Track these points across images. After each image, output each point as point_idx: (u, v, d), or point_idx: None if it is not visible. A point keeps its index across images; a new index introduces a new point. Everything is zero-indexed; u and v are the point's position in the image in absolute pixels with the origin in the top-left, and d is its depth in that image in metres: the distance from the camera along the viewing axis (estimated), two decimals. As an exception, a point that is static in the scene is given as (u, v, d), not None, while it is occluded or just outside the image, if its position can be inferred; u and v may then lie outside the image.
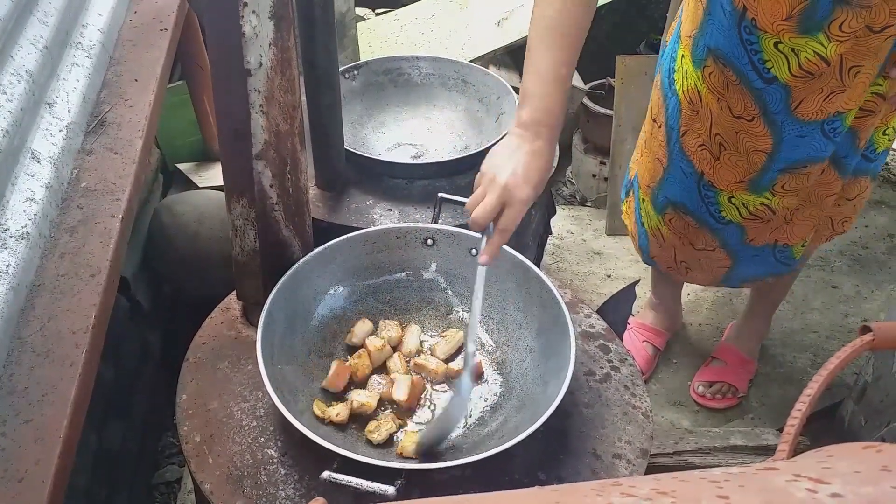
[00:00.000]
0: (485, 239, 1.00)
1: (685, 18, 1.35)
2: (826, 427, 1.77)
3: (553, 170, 1.01)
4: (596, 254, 2.32)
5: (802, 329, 2.07)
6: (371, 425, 0.97)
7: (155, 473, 1.66)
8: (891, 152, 2.74)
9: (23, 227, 1.00)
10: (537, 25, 1.03)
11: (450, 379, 1.06)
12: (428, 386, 1.05)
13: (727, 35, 1.23)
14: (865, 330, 0.64)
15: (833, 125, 1.28)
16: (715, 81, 1.30)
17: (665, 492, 0.38)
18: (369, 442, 0.96)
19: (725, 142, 1.35)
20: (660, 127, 1.48)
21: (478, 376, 1.06)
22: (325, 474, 0.83)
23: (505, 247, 1.09)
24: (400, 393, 1.00)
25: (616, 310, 1.57)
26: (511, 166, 0.97)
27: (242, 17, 0.90)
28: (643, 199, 1.60)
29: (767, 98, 1.26)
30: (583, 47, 1.05)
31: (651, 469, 1.17)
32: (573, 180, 2.62)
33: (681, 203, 1.50)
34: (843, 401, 1.75)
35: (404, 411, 1.01)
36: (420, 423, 1.00)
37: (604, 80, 2.43)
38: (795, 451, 0.58)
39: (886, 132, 1.40)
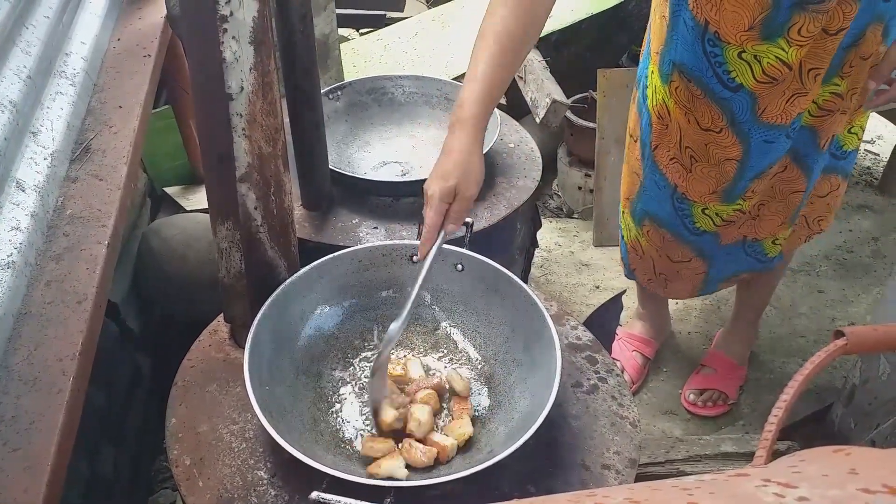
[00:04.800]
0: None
1: (653, 35, 1.38)
2: (816, 431, 1.78)
3: (473, 162, 1.04)
4: (584, 265, 2.33)
5: (790, 334, 2.09)
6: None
7: (149, 498, 1.66)
8: (872, 156, 2.78)
9: (8, 256, 1.00)
10: (478, 34, 1.07)
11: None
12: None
13: (691, 49, 1.26)
14: (839, 335, 0.65)
15: (794, 125, 1.31)
16: (681, 96, 1.32)
17: (637, 500, 0.39)
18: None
19: (696, 154, 1.38)
20: (635, 141, 1.51)
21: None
22: (314, 495, 0.83)
23: (490, 261, 1.10)
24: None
25: (603, 321, 1.58)
26: (432, 166, 1.05)
27: (222, 42, 0.91)
28: (623, 212, 1.62)
29: (734, 107, 1.28)
30: (565, 60, 1.07)
31: (642, 478, 1.18)
32: (559, 193, 2.64)
33: (656, 216, 1.52)
34: (832, 405, 1.76)
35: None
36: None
37: (586, 94, 2.45)
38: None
39: (853, 130, 1.43)
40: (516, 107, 2.39)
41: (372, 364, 1.06)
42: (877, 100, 1.35)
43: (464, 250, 1.12)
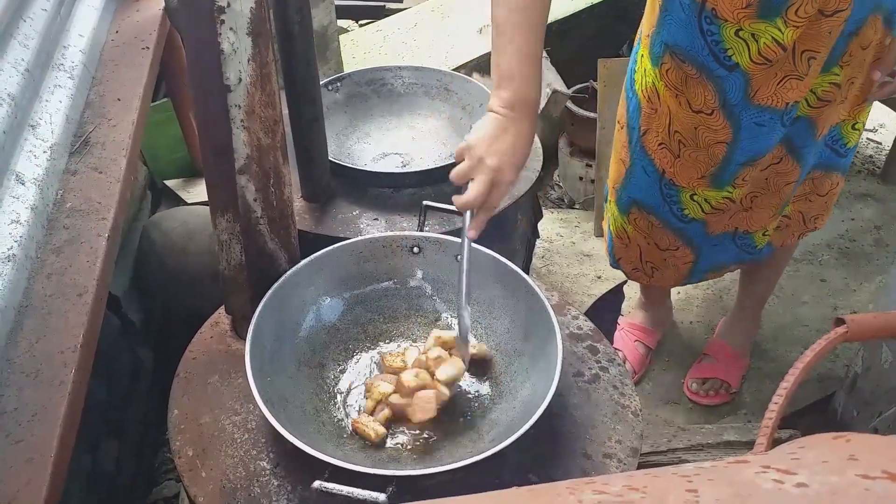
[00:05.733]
0: (468, 214, 1.05)
1: (645, 19, 1.38)
2: (819, 420, 1.78)
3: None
4: (585, 256, 2.33)
5: (793, 323, 2.09)
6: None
7: (152, 490, 1.66)
8: (874, 145, 2.77)
9: (9, 250, 1.00)
10: (504, 5, 1.04)
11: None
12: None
13: (686, 29, 1.25)
14: (839, 322, 0.65)
15: (790, 113, 1.31)
16: (673, 78, 1.32)
17: (636, 488, 0.39)
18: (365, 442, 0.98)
19: (685, 139, 1.37)
20: (622, 128, 1.51)
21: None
22: (317, 484, 0.83)
23: (491, 252, 1.10)
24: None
25: (605, 310, 1.59)
26: (499, 148, 1.01)
27: (220, 34, 0.90)
28: (610, 201, 1.62)
29: (727, 87, 1.28)
30: (565, 50, 1.07)
31: (644, 467, 1.18)
32: (560, 183, 2.63)
33: (643, 202, 1.52)
34: (834, 393, 1.76)
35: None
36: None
37: (587, 84, 2.44)
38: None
39: (856, 126, 1.42)
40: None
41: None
42: (881, 91, 1.34)
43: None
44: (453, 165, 1.38)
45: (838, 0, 1.16)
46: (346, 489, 0.82)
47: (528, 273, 1.17)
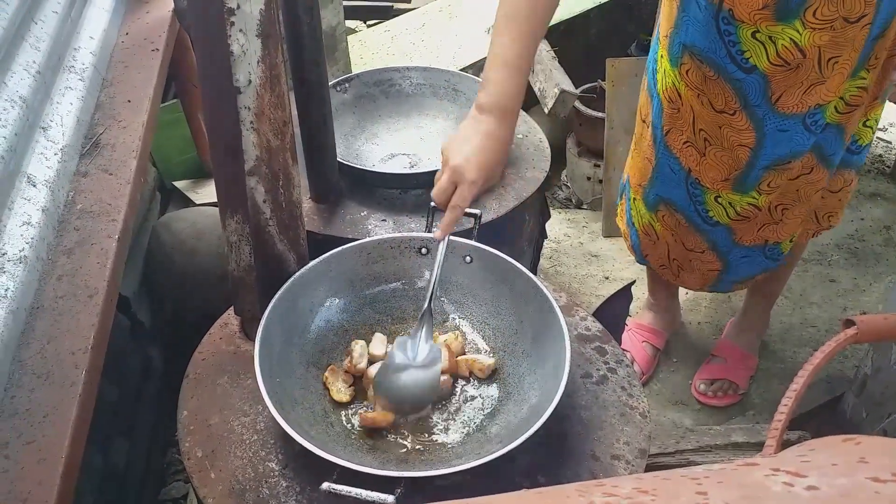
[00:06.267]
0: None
1: (662, 19, 1.38)
2: (828, 421, 1.77)
3: (508, 152, 1.08)
4: (593, 256, 2.33)
5: (802, 324, 2.08)
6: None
7: (161, 490, 1.67)
8: (884, 144, 2.76)
9: (20, 251, 1.01)
10: (499, 13, 1.06)
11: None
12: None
13: (704, 29, 1.25)
14: (849, 324, 0.65)
15: (814, 118, 1.30)
16: (693, 78, 1.32)
17: (646, 490, 0.39)
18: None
19: (710, 137, 1.37)
20: (647, 126, 1.50)
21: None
22: (325, 485, 0.83)
23: (498, 252, 1.11)
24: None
25: (613, 311, 1.58)
26: (463, 148, 1.04)
27: (230, 35, 0.91)
28: (634, 199, 1.61)
29: (747, 89, 1.27)
30: (573, 49, 1.07)
31: (653, 469, 1.18)
32: (568, 184, 2.63)
33: (671, 200, 1.51)
34: (843, 394, 1.76)
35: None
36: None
37: (595, 84, 2.44)
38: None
39: (867, 123, 1.42)
40: (524, 97, 2.38)
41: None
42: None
43: (472, 242, 1.12)
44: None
45: (863, 5, 1.15)
46: (354, 490, 0.83)
47: (535, 274, 1.17)
